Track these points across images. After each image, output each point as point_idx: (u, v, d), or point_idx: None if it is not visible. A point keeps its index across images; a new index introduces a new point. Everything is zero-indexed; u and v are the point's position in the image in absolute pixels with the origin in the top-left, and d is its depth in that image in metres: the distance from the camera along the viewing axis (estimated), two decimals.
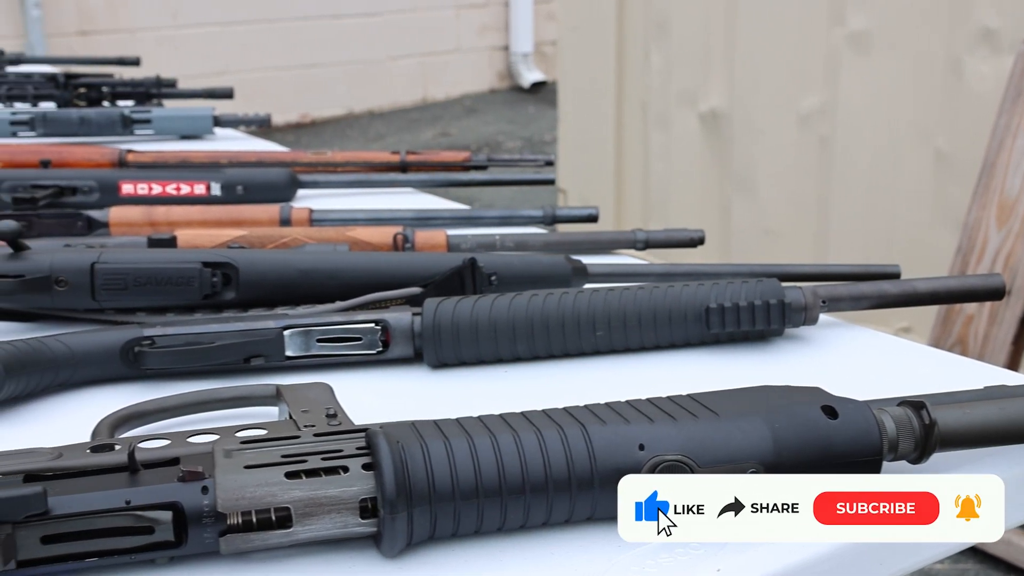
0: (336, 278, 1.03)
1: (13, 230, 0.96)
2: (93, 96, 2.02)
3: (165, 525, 0.62)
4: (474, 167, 1.62)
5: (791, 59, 2.39)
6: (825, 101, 2.36)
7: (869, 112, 2.31)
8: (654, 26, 2.68)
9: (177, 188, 1.41)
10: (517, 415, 0.70)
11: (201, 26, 5.50)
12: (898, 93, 2.29)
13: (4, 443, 0.76)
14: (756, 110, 2.47)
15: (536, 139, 5.76)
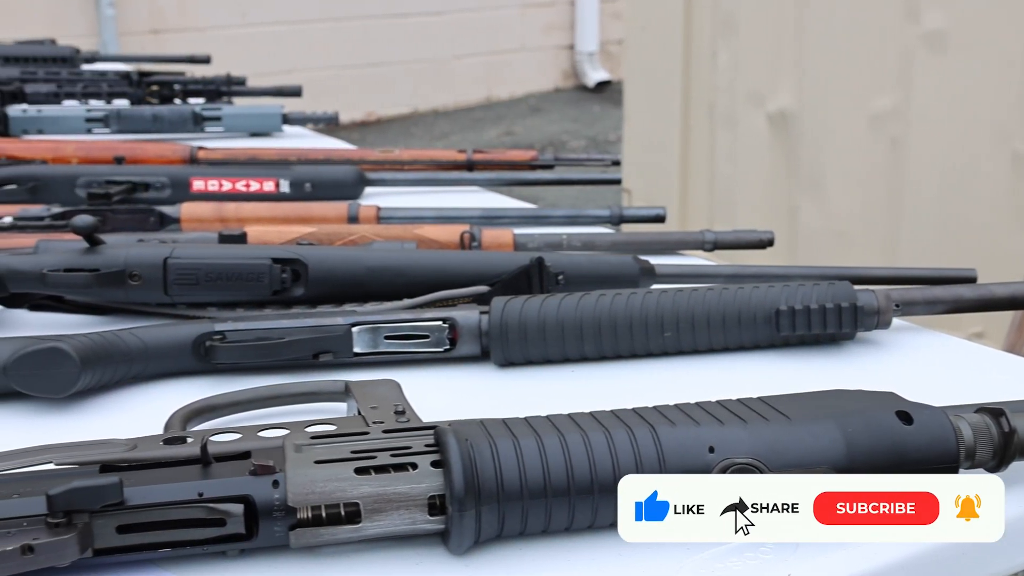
0: (404, 276, 1.03)
1: (89, 225, 0.98)
2: (165, 94, 2.05)
3: (236, 518, 0.62)
4: (540, 166, 1.62)
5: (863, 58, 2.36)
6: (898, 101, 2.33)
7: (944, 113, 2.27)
8: (722, 25, 2.66)
9: (247, 185, 1.42)
10: (585, 415, 0.69)
11: (269, 25, 5.56)
12: (974, 94, 2.25)
13: (80, 434, 0.77)
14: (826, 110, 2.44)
15: (600, 139, 5.74)
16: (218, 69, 2.29)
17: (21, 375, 0.83)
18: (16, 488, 0.61)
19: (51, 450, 0.66)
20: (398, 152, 1.61)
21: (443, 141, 5.66)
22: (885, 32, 2.33)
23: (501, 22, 6.46)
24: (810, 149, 2.50)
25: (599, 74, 6.79)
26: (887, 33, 2.32)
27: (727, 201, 2.74)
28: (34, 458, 0.65)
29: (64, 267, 0.98)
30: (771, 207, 2.60)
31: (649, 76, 2.95)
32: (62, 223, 1.20)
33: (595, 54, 6.80)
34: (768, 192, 2.62)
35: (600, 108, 6.39)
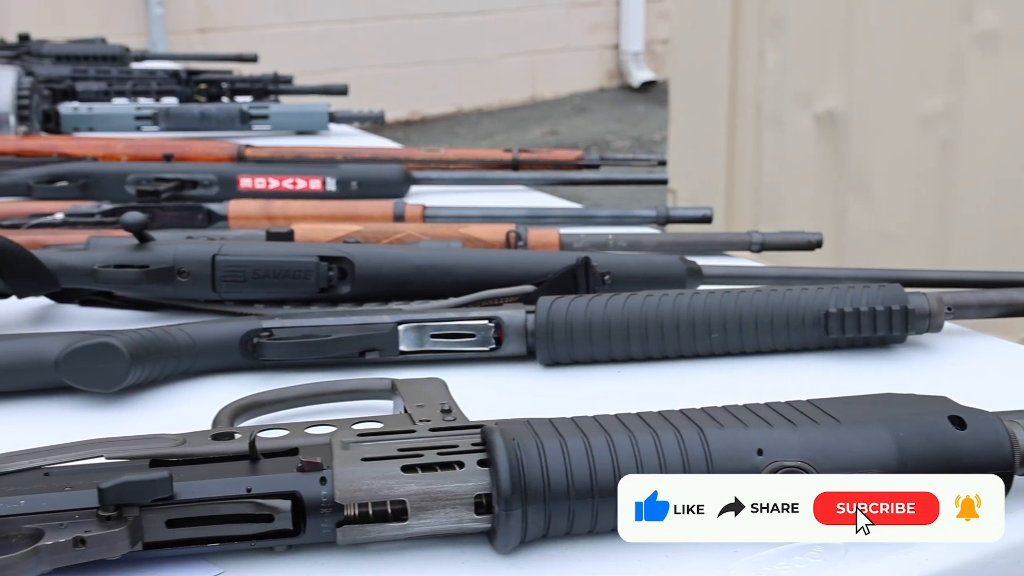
0: (450, 274, 1.03)
1: (139, 222, 0.99)
2: (213, 92, 2.07)
3: (284, 514, 0.63)
4: (586, 166, 1.62)
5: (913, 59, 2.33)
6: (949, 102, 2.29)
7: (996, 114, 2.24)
8: (770, 24, 2.64)
9: (293, 183, 1.43)
10: (632, 416, 0.69)
11: (315, 24, 5.59)
12: None
13: (129, 428, 0.78)
14: (875, 111, 2.41)
15: (645, 139, 5.72)
16: (265, 68, 2.31)
17: (72, 369, 0.84)
18: (68, 481, 0.62)
19: (102, 444, 0.67)
20: (444, 151, 1.62)
21: (487, 140, 5.66)
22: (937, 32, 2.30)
23: (546, 21, 6.45)
24: (859, 150, 2.47)
25: (644, 74, 6.77)
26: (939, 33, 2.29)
27: (773, 202, 2.72)
28: (85, 452, 0.65)
29: (114, 263, 0.99)
30: (818, 208, 2.57)
31: (695, 76, 2.93)
32: (112, 220, 1.22)
33: (640, 54, 6.78)
34: (815, 193, 2.60)
35: (645, 108, 6.37)
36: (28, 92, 1.67)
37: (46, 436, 0.72)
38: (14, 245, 0.94)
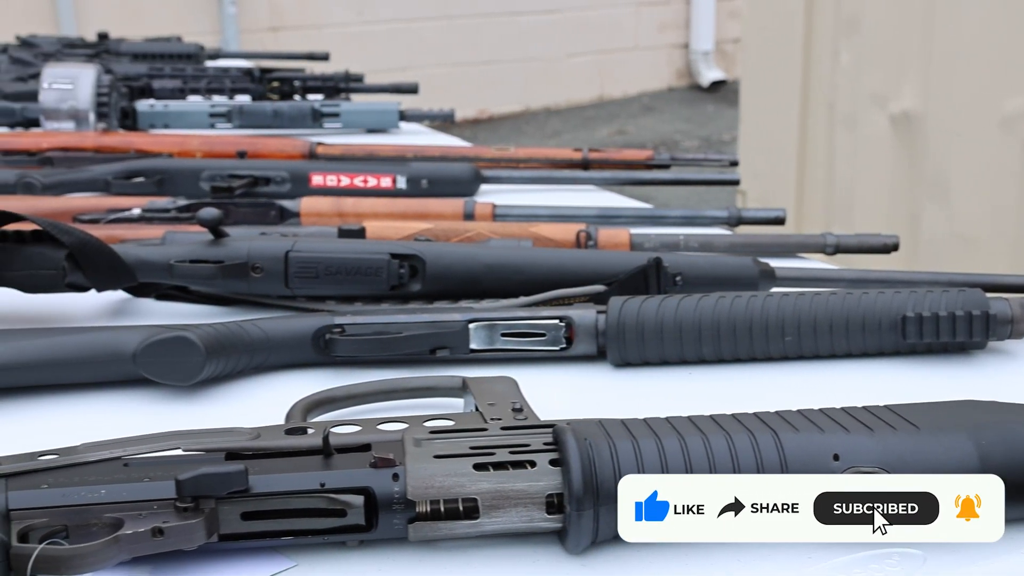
0: (520, 273, 1.03)
1: (215, 218, 1.00)
2: (285, 90, 2.09)
3: (357, 509, 0.63)
4: (657, 166, 1.60)
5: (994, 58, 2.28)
6: None
7: None
8: (845, 23, 2.60)
9: (364, 181, 1.44)
10: (705, 418, 0.68)
11: (385, 23, 5.63)
12: None
13: (204, 421, 0.79)
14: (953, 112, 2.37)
15: (714, 139, 5.68)
16: (335, 66, 2.33)
17: (149, 362, 0.85)
18: (146, 472, 0.63)
19: (179, 436, 0.68)
20: (514, 150, 1.62)
21: (554, 139, 5.66)
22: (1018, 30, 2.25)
23: (615, 20, 6.43)
24: (935, 151, 2.43)
25: (714, 73, 6.72)
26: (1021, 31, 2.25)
27: (845, 204, 2.69)
28: (163, 443, 0.66)
29: (190, 258, 1.00)
30: (892, 211, 2.54)
31: (767, 76, 2.91)
32: (187, 215, 1.23)
33: (710, 53, 6.73)
34: (889, 195, 2.56)
35: (714, 108, 6.32)
36: (107, 90, 1.70)
37: (124, 427, 0.73)
38: (95, 240, 0.96)
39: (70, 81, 1.68)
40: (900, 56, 2.49)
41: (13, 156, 1.55)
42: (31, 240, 0.97)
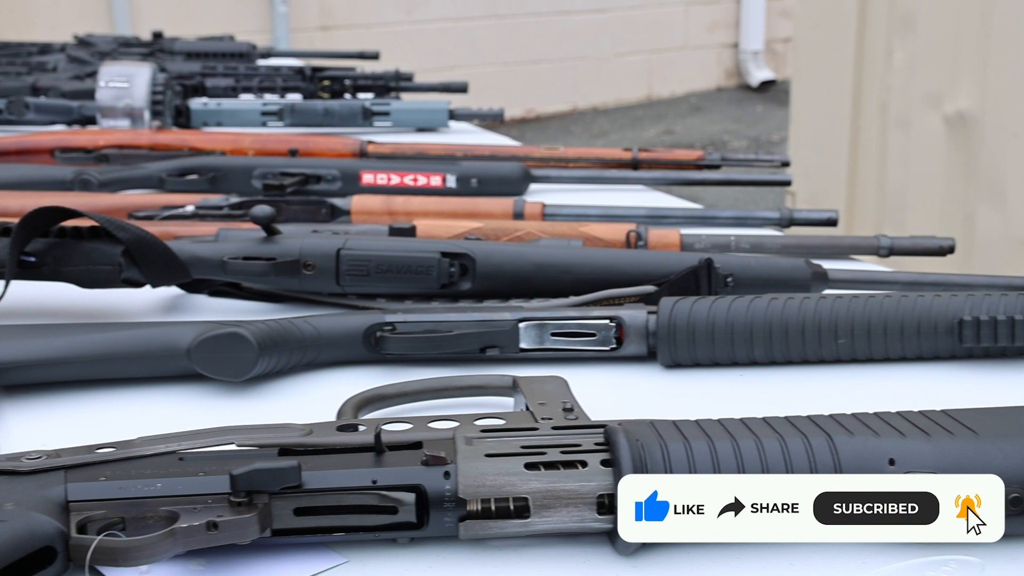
0: (570, 273, 1.03)
1: (268, 215, 1.01)
2: (336, 88, 2.10)
3: (408, 506, 0.63)
4: (707, 166, 1.60)
5: None
6: None
7: None
8: (899, 22, 2.57)
9: (414, 179, 1.45)
10: (758, 420, 0.68)
11: (434, 22, 5.65)
12: None
13: (256, 417, 0.80)
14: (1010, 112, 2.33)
15: (763, 139, 5.64)
16: (384, 65, 2.34)
17: (203, 358, 0.86)
18: (202, 466, 0.64)
19: (233, 431, 0.68)
20: (563, 149, 1.61)
21: (602, 139, 5.64)
22: None
23: (664, 20, 6.40)
24: (991, 153, 2.39)
25: (763, 73, 6.67)
26: None
27: (897, 206, 2.66)
28: (217, 438, 0.67)
29: (243, 255, 1.01)
30: (945, 213, 2.50)
31: (818, 75, 2.88)
32: (240, 212, 1.24)
33: (760, 53, 6.68)
34: (942, 197, 2.53)
35: (763, 108, 6.28)
36: (162, 88, 1.72)
37: (178, 422, 0.74)
38: (150, 236, 0.97)
39: (126, 79, 1.70)
40: (956, 56, 2.46)
41: (70, 153, 1.57)
42: (89, 236, 0.98)
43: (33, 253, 0.97)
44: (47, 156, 1.58)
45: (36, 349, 0.86)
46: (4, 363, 0.85)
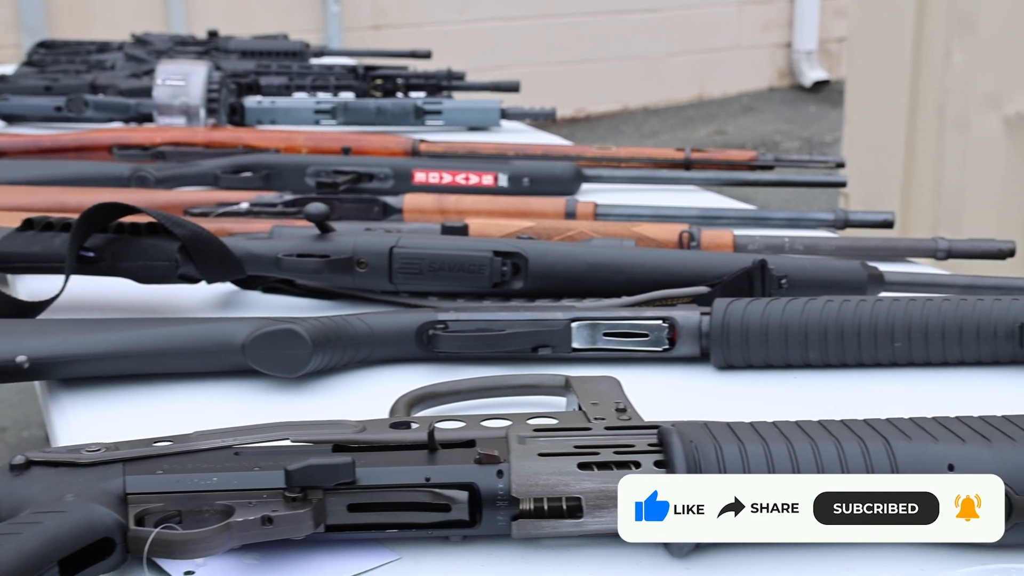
0: (623, 273, 1.03)
1: (322, 213, 1.02)
2: (388, 87, 2.11)
3: (461, 504, 0.63)
4: (760, 167, 1.58)
5: None
6: None
7: None
8: (958, 22, 2.54)
9: (466, 178, 1.45)
10: (813, 423, 0.67)
11: (486, 21, 5.65)
12: None
13: (309, 413, 0.80)
14: None
15: (816, 140, 5.59)
16: (437, 64, 2.34)
17: (257, 353, 0.86)
18: (257, 461, 0.64)
19: (287, 427, 0.69)
20: (615, 149, 1.61)
21: (652, 139, 5.62)
22: None
23: (717, 19, 6.36)
24: None
25: (817, 73, 6.60)
26: None
27: (954, 208, 2.62)
28: (272, 434, 0.68)
29: (297, 252, 1.02)
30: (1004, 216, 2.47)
31: (874, 76, 2.85)
32: (294, 210, 1.25)
33: (813, 53, 6.62)
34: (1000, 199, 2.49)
35: (816, 109, 6.22)
36: (217, 86, 1.74)
37: (232, 417, 0.75)
38: (206, 233, 0.98)
39: (182, 78, 1.72)
40: (1016, 56, 2.42)
41: (128, 150, 1.59)
42: (146, 232, 0.99)
43: (92, 248, 0.99)
44: (105, 153, 1.60)
45: (95, 343, 0.88)
46: (63, 357, 0.87)
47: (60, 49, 2.54)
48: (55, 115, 1.86)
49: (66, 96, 1.86)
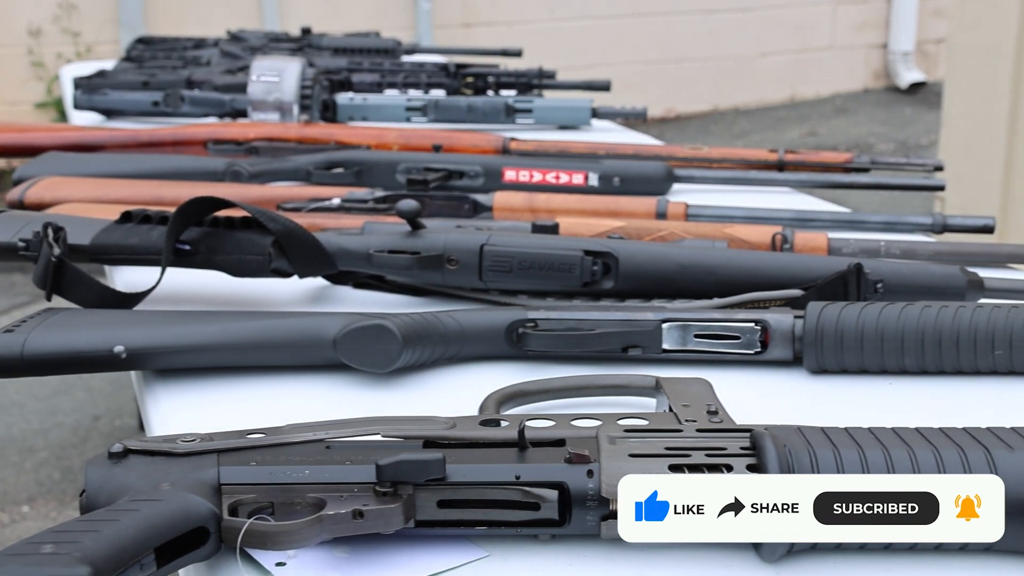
0: (714, 275, 1.02)
1: (414, 210, 1.02)
2: (479, 85, 2.12)
3: (551, 503, 0.63)
4: (856, 169, 1.55)
5: None
6: None
7: None
8: None
9: (556, 177, 1.45)
10: (910, 430, 0.66)
11: (576, 19, 5.64)
12: None
13: (398, 408, 0.81)
14: None
15: (911, 143, 5.47)
16: (526, 62, 2.34)
17: (348, 348, 0.87)
18: (348, 455, 0.65)
19: (378, 422, 0.69)
20: (707, 150, 1.59)
21: (743, 140, 5.56)
22: None
23: (811, 19, 6.27)
24: None
25: (913, 75, 6.47)
26: None
27: None
28: (363, 428, 0.68)
29: (388, 248, 1.02)
30: None
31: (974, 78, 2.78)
32: (385, 206, 1.26)
33: (910, 54, 6.48)
34: None
35: (912, 111, 6.10)
36: (310, 83, 1.76)
37: (322, 410, 0.76)
38: (299, 228, 0.99)
39: (277, 74, 1.74)
40: None
41: (222, 145, 1.62)
42: (240, 226, 1.01)
43: (187, 241, 1.00)
44: (200, 147, 1.63)
45: (190, 335, 0.89)
46: (160, 348, 0.88)
47: (157, 45, 2.59)
48: (152, 110, 1.90)
49: (163, 91, 1.90)
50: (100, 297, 0.99)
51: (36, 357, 0.87)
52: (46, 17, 4.73)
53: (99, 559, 0.55)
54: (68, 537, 0.56)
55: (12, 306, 3.50)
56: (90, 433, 2.75)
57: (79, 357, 0.88)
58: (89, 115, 1.97)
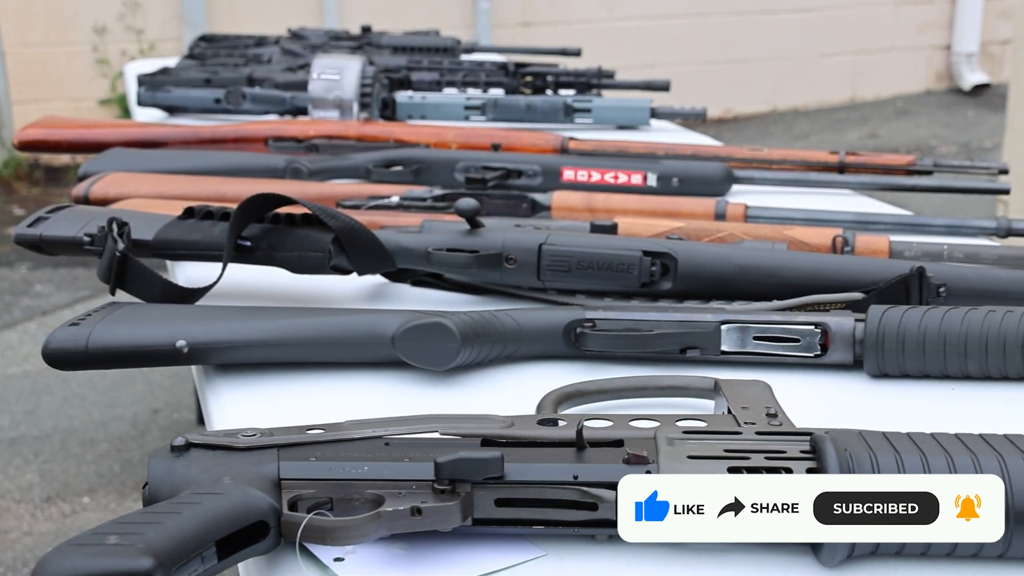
0: (774, 277, 1.01)
1: (472, 208, 1.02)
2: (538, 84, 2.11)
3: (609, 504, 0.63)
4: (918, 171, 1.53)
5: None
6: None
7: None
8: None
9: (615, 177, 1.44)
10: (974, 437, 0.65)
11: (635, 19, 5.63)
12: None
13: (456, 406, 0.82)
14: None
15: (974, 145, 5.39)
16: (585, 62, 2.34)
17: (407, 346, 0.88)
18: (407, 452, 0.65)
19: (437, 420, 0.70)
20: (767, 151, 1.58)
21: (802, 141, 5.51)
22: None
23: (872, 20, 6.19)
24: None
25: (977, 76, 6.37)
26: None
27: None
28: (422, 426, 0.68)
29: (447, 247, 1.03)
30: None
31: None
32: (443, 204, 1.26)
33: (974, 55, 6.38)
34: None
35: (975, 113, 6.00)
36: (370, 81, 1.77)
37: (381, 407, 0.76)
38: (359, 225, 1.00)
39: (337, 72, 1.75)
40: None
41: (283, 142, 1.63)
42: (301, 223, 1.02)
43: (248, 238, 1.01)
44: (261, 144, 1.65)
45: (250, 331, 0.90)
46: (221, 343, 0.89)
47: (219, 43, 2.62)
48: (214, 107, 1.92)
49: (225, 88, 1.92)
50: (162, 292, 1.00)
51: (100, 350, 0.88)
52: (111, 15, 4.80)
53: (162, 551, 0.56)
54: (132, 528, 0.57)
55: (75, 300, 3.57)
56: (149, 426, 2.79)
57: (142, 351, 0.89)
58: (152, 112, 1.99)
